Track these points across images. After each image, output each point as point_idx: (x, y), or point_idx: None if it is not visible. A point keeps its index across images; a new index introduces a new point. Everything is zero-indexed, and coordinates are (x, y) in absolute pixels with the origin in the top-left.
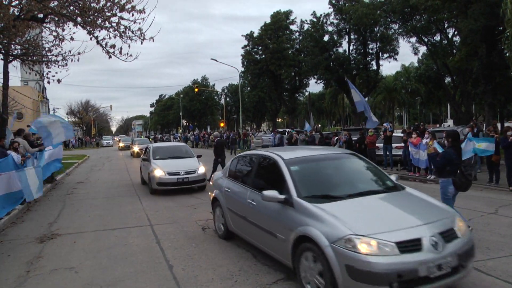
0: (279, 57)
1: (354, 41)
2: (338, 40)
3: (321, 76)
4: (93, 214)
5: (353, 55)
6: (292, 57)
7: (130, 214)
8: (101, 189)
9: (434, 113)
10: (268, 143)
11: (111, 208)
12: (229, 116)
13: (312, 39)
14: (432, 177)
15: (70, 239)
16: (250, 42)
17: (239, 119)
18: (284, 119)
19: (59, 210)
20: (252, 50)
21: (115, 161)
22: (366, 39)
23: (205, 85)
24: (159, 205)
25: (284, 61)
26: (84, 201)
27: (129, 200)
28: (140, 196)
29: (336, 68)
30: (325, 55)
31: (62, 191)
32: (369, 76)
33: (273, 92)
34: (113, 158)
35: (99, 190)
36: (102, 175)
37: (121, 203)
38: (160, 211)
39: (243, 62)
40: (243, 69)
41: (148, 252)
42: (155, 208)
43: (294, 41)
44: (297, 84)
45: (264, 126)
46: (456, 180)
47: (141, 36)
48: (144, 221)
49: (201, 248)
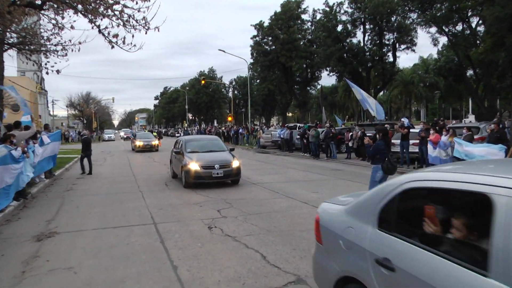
0: (290, 48)
1: (369, 31)
2: (352, 30)
3: (334, 68)
4: (94, 211)
5: (368, 46)
6: (303, 48)
7: (133, 211)
8: (102, 185)
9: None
10: (277, 138)
11: (113, 205)
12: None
13: (325, 29)
14: None
15: (69, 237)
16: (260, 32)
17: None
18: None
19: (58, 206)
20: (261, 41)
21: (117, 156)
22: (382, 29)
23: (212, 77)
24: (163, 202)
25: (295, 53)
26: (84, 197)
27: (131, 196)
28: (143, 193)
29: (349, 59)
30: (338, 46)
31: (61, 187)
32: (385, 68)
33: (283, 85)
34: (115, 153)
35: (100, 186)
36: (104, 170)
37: (123, 200)
38: (164, 209)
39: (252, 53)
40: (252, 61)
41: (151, 252)
42: (158, 205)
43: (306, 32)
44: (309, 77)
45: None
46: (383, 165)
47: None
48: (147, 219)
49: (207, 248)
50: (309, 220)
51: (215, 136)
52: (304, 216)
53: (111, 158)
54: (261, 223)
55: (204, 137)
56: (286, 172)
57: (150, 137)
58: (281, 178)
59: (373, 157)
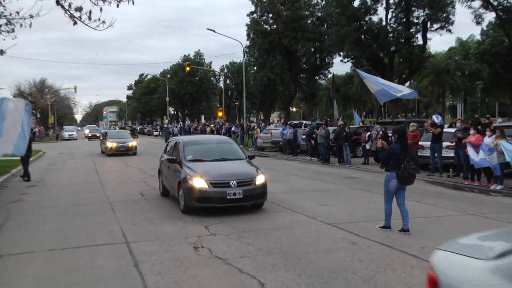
0: (294, 28)
1: (393, 7)
2: (372, 5)
3: (349, 53)
4: (49, 228)
5: (391, 26)
6: (311, 28)
7: (100, 227)
8: (61, 194)
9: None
10: (278, 138)
11: (74, 220)
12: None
13: (338, 5)
14: (498, 187)
15: (16, 262)
16: (258, 7)
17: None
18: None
19: (1, 223)
20: (260, 19)
21: (80, 159)
22: (410, 4)
23: (199, 62)
24: (138, 216)
25: (302, 33)
26: (37, 210)
27: (98, 209)
28: (113, 204)
29: (368, 42)
30: (354, 26)
31: (6, 197)
32: (413, 53)
33: (286, 73)
34: (78, 155)
35: (57, 196)
36: (62, 176)
37: (87, 213)
38: (139, 224)
39: (248, 34)
40: (249, 43)
41: (122, 278)
42: (132, 219)
43: (315, 8)
44: (318, 63)
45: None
46: (398, 173)
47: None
48: (118, 237)
49: (192, 273)
50: (317, 239)
51: (226, 137)
52: (311, 234)
53: (73, 162)
54: (258, 242)
55: (210, 138)
56: (289, 180)
57: (126, 136)
58: (283, 187)
59: (387, 162)
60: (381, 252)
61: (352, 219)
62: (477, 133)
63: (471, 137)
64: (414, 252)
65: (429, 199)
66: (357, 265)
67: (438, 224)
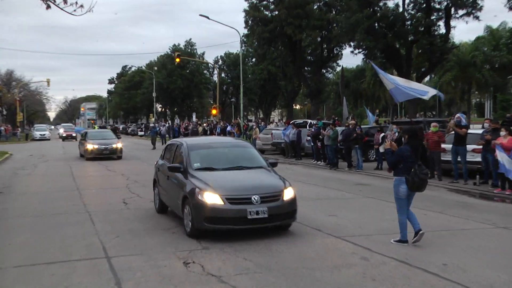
0: (299, 15)
1: None
2: None
3: (361, 44)
4: (16, 242)
5: (409, 12)
6: (318, 14)
7: (76, 240)
8: (30, 203)
9: None
10: (280, 140)
11: (46, 232)
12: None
13: None
14: None
15: None
16: None
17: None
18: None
19: None
20: (260, 4)
21: (54, 162)
22: None
23: (191, 53)
24: (120, 227)
25: (307, 21)
26: (1, 221)
27: (74, 219)
28: (92, 214)
29: (383, 31)
30: (367, 12)
31: None
32: (434, 43)
33: (289, 66)
34: (51, 158)
35: (26, 205)
36: (32, 182)
37: (62, 224)
38: (121, 236)
39: (246, 21)
40: (247, 32)
41: None
42: (114, 231)
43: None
44: (325, 55)
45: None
46: (408, 178)
47: None
48: (97, 252)
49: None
50: (324, 254)
51: (241, 140)
52: (317, 249)
53: (45, 165)
54: (257, 258)
55: (221, 140)
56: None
57: (110, 137)
58: None
59: (395, 166)
60: (397, 269)
61: (364, 232)
62: (509, 134)
63: (501, 139)
64: (435, 270)
65: (452, 210)
66: (369, 284)
67: (463, 239)
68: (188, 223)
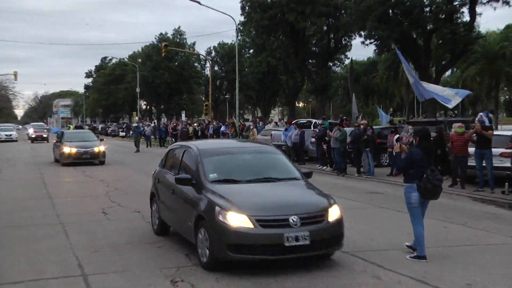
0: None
1: None
2: None
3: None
4: None
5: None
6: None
7: (48, 256)
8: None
9: None
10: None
11: (12, 247)
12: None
13: None
14: None
15: None
16: None
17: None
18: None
19: None
20: None
21: (22, 167)
22: None
23: (180, 43)
24: (99, 240)
25: (311, 7)
26: None
27: (45, 231)
28: (66, 226)
29: (398, 19)
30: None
31: None
32: (456, 33)
33: (291, 58)
34: (19, 162)
35: None
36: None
37: (31, 237)
38: (100, 251)
39: (243, 7)
40: (243, 19)
41: None
42: (91, 245)
43: None
44: (332, 46)
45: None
46: (420, 185)
47: None
48: (72, 269)
49: None
50: (331, 271)
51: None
52: (323, 265)
53: (12, 171)
54: (255, 276)
55: (240, 145)
56: None
57: (90, 138)
58: None
59: (406, 171)
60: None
61: (375, 246)
62: None
63: None
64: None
65: (477, 222)
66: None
67: (489, 254)
68: (204, 250)
